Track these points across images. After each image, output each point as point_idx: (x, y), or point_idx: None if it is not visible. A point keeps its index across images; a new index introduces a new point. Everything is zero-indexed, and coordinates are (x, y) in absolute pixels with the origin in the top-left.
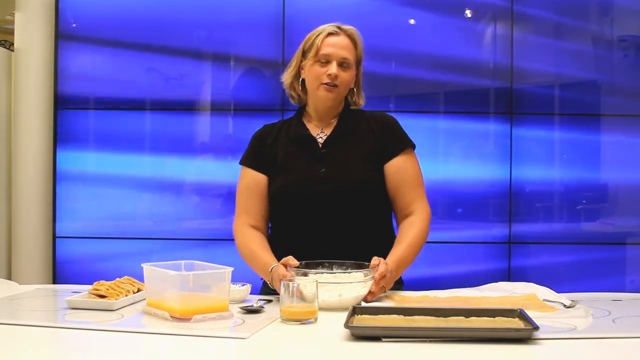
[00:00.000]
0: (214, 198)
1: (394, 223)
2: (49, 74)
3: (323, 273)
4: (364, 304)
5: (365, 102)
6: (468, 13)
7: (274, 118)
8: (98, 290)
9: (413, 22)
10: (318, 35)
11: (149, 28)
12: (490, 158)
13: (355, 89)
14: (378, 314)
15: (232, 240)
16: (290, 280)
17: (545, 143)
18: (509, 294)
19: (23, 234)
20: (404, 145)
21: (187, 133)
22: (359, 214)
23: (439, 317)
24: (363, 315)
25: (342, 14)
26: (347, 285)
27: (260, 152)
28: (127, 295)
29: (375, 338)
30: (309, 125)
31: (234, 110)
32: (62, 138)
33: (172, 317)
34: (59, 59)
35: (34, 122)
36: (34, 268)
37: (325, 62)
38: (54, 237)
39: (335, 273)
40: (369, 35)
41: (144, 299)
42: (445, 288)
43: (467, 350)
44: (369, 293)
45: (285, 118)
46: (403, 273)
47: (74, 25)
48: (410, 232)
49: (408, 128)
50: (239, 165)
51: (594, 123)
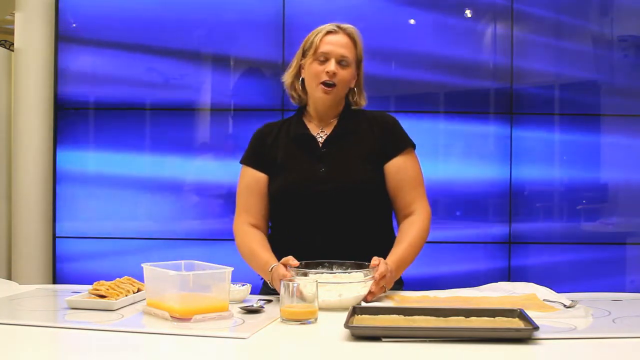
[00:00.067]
0: (214, 198)
1: (394, 223)
2: (49, 74)
3: (323, 273)
4: (364, 304)
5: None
6: (468, 13)
7: (274, 118)
8: (98, 290)
9: (413, 22)
10: (317, 34)
11: (149, 28)
12: (490, 158)
13: (356, 89)
14: (378, 314)
15: (232, 240)
16: (290, 280)
17: (545, 143)
18: (509, 294)
19: (23, 234)
20: (404, 145)
21: (187, 133)
22: (359, 214)
23: (439, 317)
24: (363, 315)
25: (342, 14)
26: (347, 285)
27: (261, 151)
28: (127, 295)
29: (375, 338)
30: (310, 125)
31: (234, 111)
32: (62, 138)
33: (172, 317)
34: (59, 59)
35: (34, 122)
36: (34, 268)
37: (324, 60)
38: (54, 237)
39: (335, 273)
40: (369, 36)
41: (144, 299)
42: (445, 288)
43: (467, 350)
44: (369, 293)
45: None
46: (403, 273)
47: (74, 26)
48: (411, 232)
49: (408, 128)
50: (239, 166)
51: (594, 123)
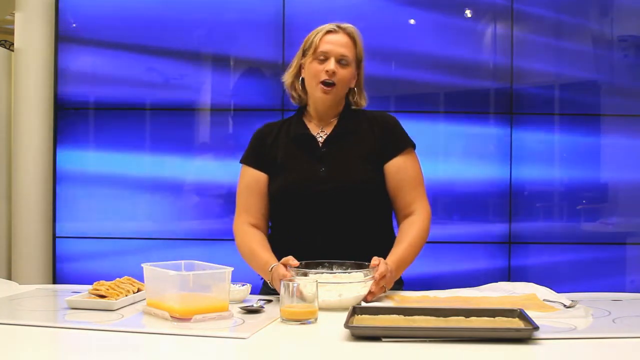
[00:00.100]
0: (214, 198)
1: (394, 223)
2: (49, 74)
3: (323, 273)
4: (364, 304)
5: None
6: (468, 13)
7: (274, 118)
8: (98, 290)
9: (413, 22)
10: (317, 34)
11: (149, 28)
12: (490, 158)
13: (356, 89)
14: (378, 314)
15: (232, 240)
16: (290, 280)
17: (545, 143)
18: (509, 294)
19: (23, 234)
20: (404, 145)
21: (187, 133)
22: (359, 214)
23: (439, 317)
24: (363, 315)
25: (342, 14)
26: (347, 285)
27: (261, 151)
28: (127, 295)
29: (375, 338)
30: (310, 125)
31: (234, 111)
32: (62, 138)
33: (172, 317)
34: (59, 59)
35: (34, 122)
36: (34, 268)
37: (324, 59)
38: (54, 237)
39: (335, 273)
40: (369, 36)
41: (144, 299)
42: (445, 288)
43: (467, 350)
44: (369, 293)
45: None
46: (403, 273)
47: (74, 26)
48: (411, 232)
49: (408, 128)
50: (239, 165)
51: (594, 123)
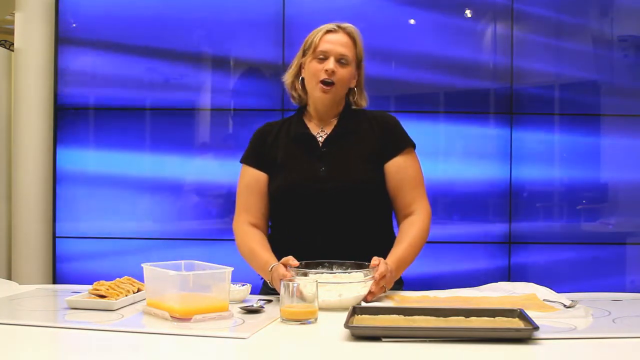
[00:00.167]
0: (214, 198)
1: (394, 223)
2: (49, 74)
3: (323, 273)
4: (364, 304)
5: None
6: (468, 13)
7: (274, 118)
8: (98, 290)
9: (413, 22)
10: (317, 33)
11: (149, 28)
12: (490, 158)
13: (357, 89)
14: (378, 314)
15: (232, 240)
16: (290, 280)
17: (545, 143)
18: (509, 294)
19: (23, 234)
20: (405, 145)
21: (187, 133)
22: (359, 214)
23: (439, 317)
24: (363, 315)
25: (342, 14)
26: (347, 285)
27: (261, 151)
28: (127, 295)
29: (375, 338)
30: (310, 124)
31: (234, 111)
32: (62, 138)
33: (172, 317)
34: (59, 59)
35: (34, 122)
36: (34, 268)
37: (324, 58)
38: (54, 237)
39: (335, 273)
40: (369, 36)
41: (144, 299)
42: (445, 288)
43: (467, 350)
44: (369, 293)
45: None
46: (403, 273)
47: (74, 26)
48: (411, 231)
49: (408, 128)
50: (239, 166)
51: (594, 123)
